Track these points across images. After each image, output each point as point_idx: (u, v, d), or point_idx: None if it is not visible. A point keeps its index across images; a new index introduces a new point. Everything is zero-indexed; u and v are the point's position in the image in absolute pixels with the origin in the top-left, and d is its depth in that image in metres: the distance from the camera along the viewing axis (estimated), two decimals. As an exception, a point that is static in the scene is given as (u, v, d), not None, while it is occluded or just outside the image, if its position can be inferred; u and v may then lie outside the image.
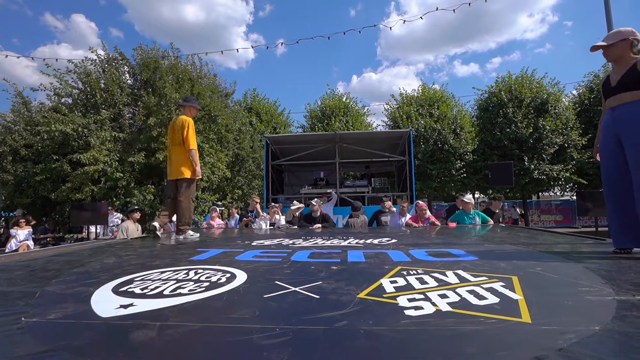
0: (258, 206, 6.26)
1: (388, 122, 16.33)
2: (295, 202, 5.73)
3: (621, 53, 1.99)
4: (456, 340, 0.82)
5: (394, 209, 5.44)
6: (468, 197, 5.20)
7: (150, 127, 8.94)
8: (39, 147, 8.83)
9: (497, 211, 5.92)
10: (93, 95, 9.16)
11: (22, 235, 7.57)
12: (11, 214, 10.07)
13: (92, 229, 8.03)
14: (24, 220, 7.78)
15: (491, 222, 5.14)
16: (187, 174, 3.59)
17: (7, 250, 7.16)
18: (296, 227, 5.13)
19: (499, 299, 1.11)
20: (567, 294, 1.18)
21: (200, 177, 3.63)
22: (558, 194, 18.05)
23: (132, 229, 5.19)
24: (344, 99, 17.19)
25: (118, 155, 8.88)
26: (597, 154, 2.24)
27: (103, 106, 9.18)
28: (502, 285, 1.27)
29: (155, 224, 3.70)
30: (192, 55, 10.97)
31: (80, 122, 8.54)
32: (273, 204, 5.93)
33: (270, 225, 5.45)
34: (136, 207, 5.45)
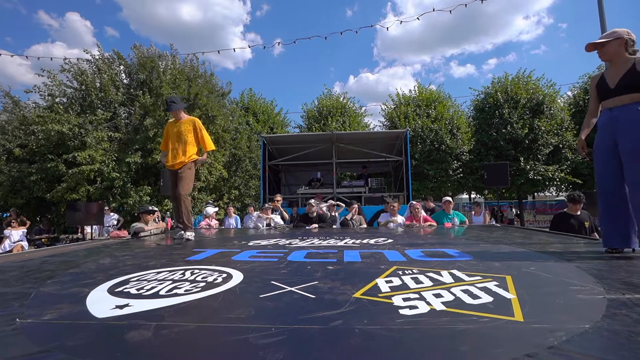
0: (279, 204, 6.24)
1: (385, 123, 16.38)
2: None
3: (616, 52, 1.99)
4: (450, 338, 0.83)
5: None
6: (447, 198, 5.37)
7: (146, 127, 8.90)
8: (34, 147, 8.75)
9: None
10: (88, 94, 9.11)
11: (16, 235, 7.50)
12: (5, 214, 9.97)
13: (88, 229, 7.96)
14: (16, 222, 7.70)
15: (467, 222, 5.22)
16: None
17: (0, 251, 7.09)
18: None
19: (492, 298, 1.12)
20: (559, 293, 1.20)
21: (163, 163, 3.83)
22: (554, 194, 18.20)
23: (145, 229, 5.06)
24: (341, 99, 17.21)
25: (115, 155, 8.83)
26: (582, 147, 2.26)
27: (99, 106, 9.13)
28: (496, 285, 1.28)
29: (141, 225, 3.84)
30: (188, 55, 10.93)
31: (75, 121, 8.48)
32: (267, 204, 5.91)
33: (266, 225, 5.44)
34: (150, 207, 5.37)
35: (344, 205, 6.23)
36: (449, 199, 5.37)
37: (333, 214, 5.61)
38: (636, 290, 1.19)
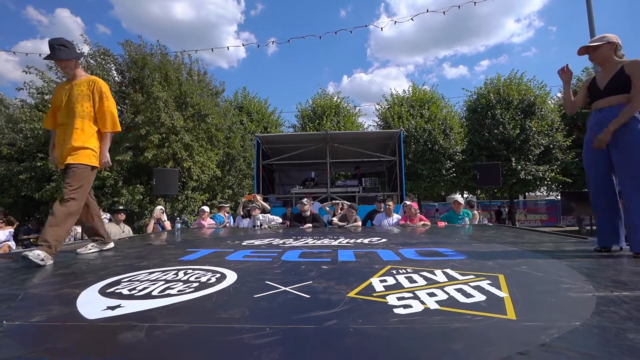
0: (258, 203, 6.17)
1: (379, 123, 16.45)
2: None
3: (606, 55, 2.06)
4: (443, 337, 0.84)
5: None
6: (460, 198, 5.37)
7: (138, 125, 8.80)
8: (22, 146, 8.58)
9: None
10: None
11: (2, 235, 7.32)
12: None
13: (79, 229, 7.83)
14: (3, 221, 7.53)
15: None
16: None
17: (-13, 252, 6.93)
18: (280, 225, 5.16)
19: (485, 297, 1.13)
20: (550, 291, 1.22)
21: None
22: (544, 193, 18.48)
23: (115, 231, 4.76)
24: (335, 99, 17.23)
25: None
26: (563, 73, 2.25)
27: None
28: (488, 284, 1.30)
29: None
30: (181, 53, 10.81)
31: (65, 120, 8.33)
32: (253, 204, 5.83)
33: (253, 225, 5.38)
34: (121, 207, 5.21)
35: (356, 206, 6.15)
36: (459, 199, 5.33)
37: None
38: (624, 288, 1.22)
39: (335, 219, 5.29)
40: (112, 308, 1.10)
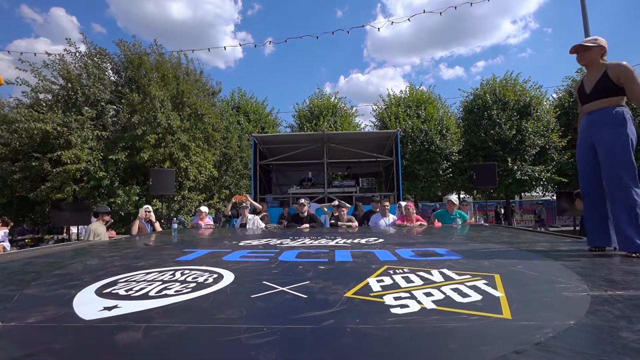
0: (248, 202, 6.14)
1: (376, 123, 16.48)
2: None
3: (594, 58, 2.10)
4: (440, 337, 0.84)
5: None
6: (454, 199, 5.39)
7: (134, 125, 8.75)
8: (17, 146, 8.50)
9: None
10: (75, 92, 8.89)
11: (-3, 236, 7.26)
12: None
13: (74, 229, 7.77)
14: None
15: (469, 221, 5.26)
16: None
17: (-19, 252, 6.85)
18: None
19: (481, 297, 1.14)
20: (546, 290, 1.23)
21: None
22: (540, 194, 18.60)
23: (102, 231, 4.62)
24: (332, 99, 17.24)
25: (102, 154, 8.65)
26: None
27: (85, 104, 8.93)
28: (484, 283, 1.30)
29: None
30: (177, 52, 10.77)
31: (60, 120, 8.27)
32: (244, 204, 5.80)
33: (241, 226, 5.36)
34: (108, 207, 5.13)
35: (349, 206, 6.13)
36: (453, 199, 5.36)
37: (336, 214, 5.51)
38: (617, 287, 1.23)
39: (342, 223, 5.21)
40: (109, 309, 1.10)
